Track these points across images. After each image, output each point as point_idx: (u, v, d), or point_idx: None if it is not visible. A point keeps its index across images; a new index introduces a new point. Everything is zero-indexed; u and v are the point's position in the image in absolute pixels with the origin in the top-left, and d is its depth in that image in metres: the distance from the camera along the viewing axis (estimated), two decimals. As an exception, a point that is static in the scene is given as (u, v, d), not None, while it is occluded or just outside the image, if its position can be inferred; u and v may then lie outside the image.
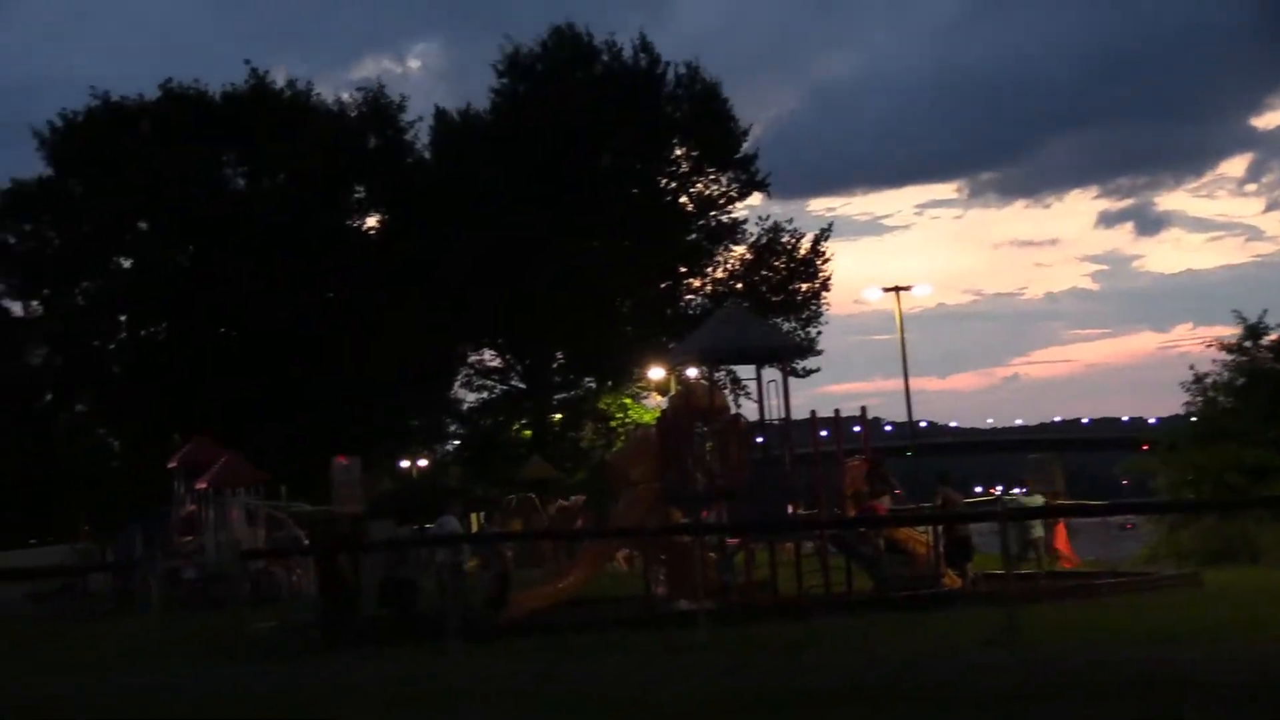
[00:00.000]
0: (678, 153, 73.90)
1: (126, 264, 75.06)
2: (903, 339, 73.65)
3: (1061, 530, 37.55)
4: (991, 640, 19.06)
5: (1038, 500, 35.27)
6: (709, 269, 75.09)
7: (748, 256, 74.83)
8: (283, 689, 18.27)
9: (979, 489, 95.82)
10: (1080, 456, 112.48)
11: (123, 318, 75.08)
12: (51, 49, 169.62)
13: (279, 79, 75.37)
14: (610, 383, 73.81)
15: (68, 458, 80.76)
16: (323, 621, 27.48)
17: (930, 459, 72.15)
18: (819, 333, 74.30)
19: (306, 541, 47.16)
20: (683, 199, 74.49)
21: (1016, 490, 39.09)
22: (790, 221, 75.49)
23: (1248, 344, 42.75)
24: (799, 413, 33.06)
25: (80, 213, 72.85)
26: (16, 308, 79.83)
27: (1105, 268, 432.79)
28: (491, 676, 18.93)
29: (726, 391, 43.93)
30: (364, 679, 19.82)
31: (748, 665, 17.80)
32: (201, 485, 51.66)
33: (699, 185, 74.53)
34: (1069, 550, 37.83)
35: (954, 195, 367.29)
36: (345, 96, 77.47)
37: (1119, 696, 13.92)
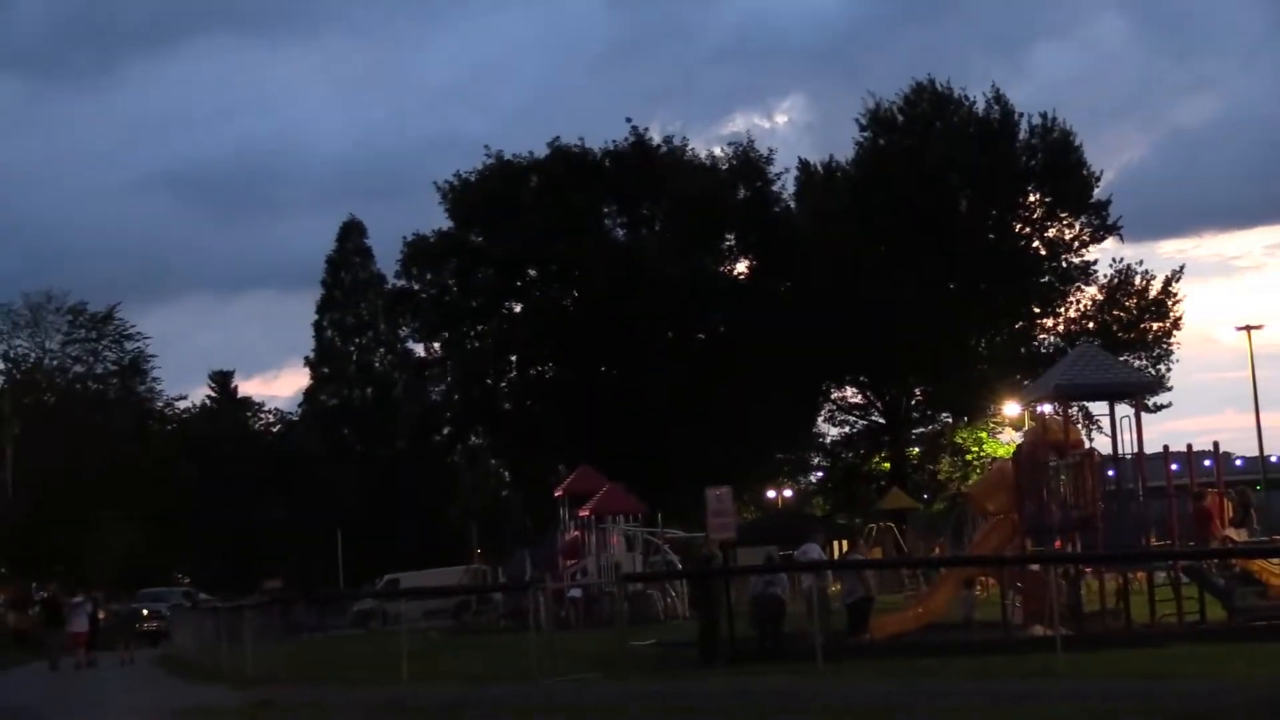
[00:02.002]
0: (1032, 199, 72.72)
1: (517, 308, 76.75)
2: (1254, 376, 71.45)
3: None
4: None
5: None
6: (1061, 309, 73.64)
7: (1099, 297, 73.26)
8: (673, 702, 18.39)
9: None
10: None
11: (513, 358, 76.75)
12: (449, 112, 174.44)
13: (656, 135, 76.03)
14: (966, 418, 73.01)
15: (463, 486, 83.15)
16: (699, 641, 27.66)
17: (1281, 492, 69.29)
18: (1170, 370, 72.43)
19: (680, 566, 47.68)
20: (1036, 243, 73.25)
21: None
22: (1141, 263, 73.81)
23: None
24: (1151, 447, 32.34)
25: (476, 262, 74.85)
26: (419, 349, 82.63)
27: None
28: (853, 694, 18.81)
29: (1080, 427, 43.08)
30: (739, 690, 19.90)
31: (1104, 691, 17.35)
32: (584, 513, 52.61)
33: (1052, 230, 73.16)
34: None
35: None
36: (717, 151, 77.94)
37: None
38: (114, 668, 40.91)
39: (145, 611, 56.74)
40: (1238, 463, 68.51)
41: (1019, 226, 73.07)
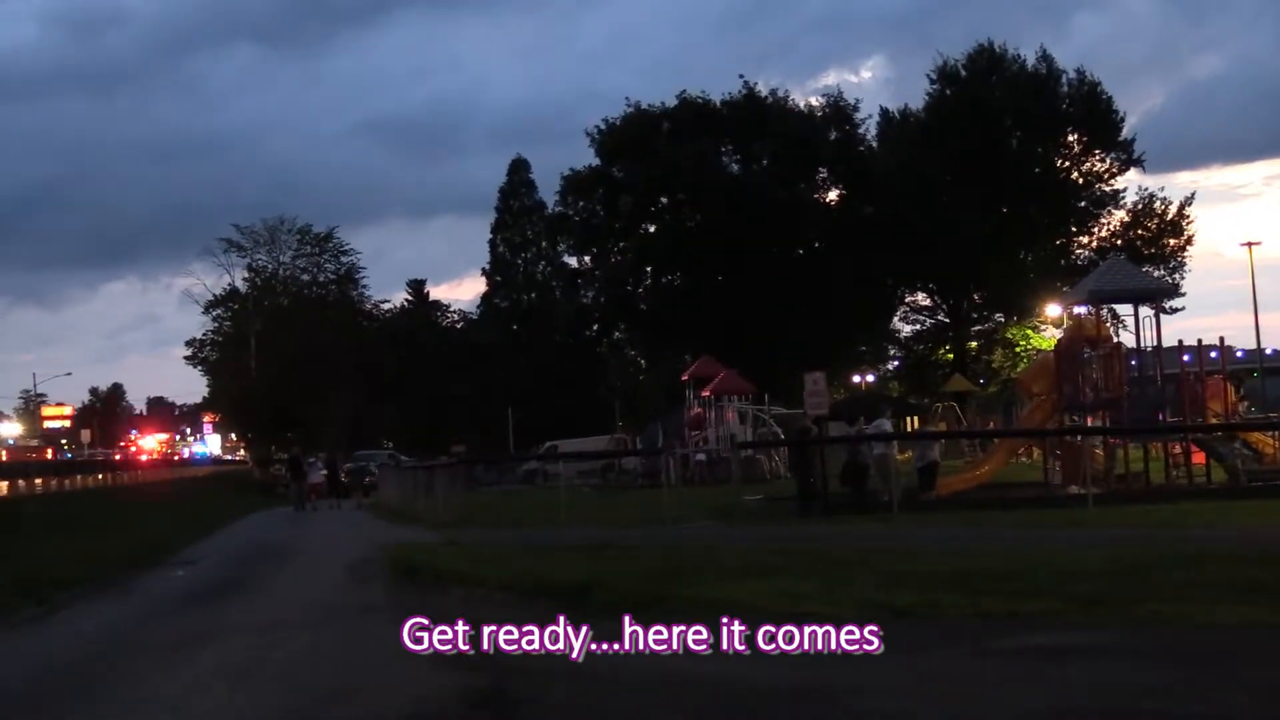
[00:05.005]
0: (1071, 138, 71.62)
1: (651, 229, 76.72)
2: (1254, 283, 70.92)
3: None
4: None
5: None
6: (1094, 228, 72.72)
7: (1125, 219, 72.29)
8: (778, 543, 18.57)
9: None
10: None
11: (648, 268, 76.82)
12: (598, 70, 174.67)
13: (763, 88, 75.45)
14: (1016, 317, 72.37)
15: (609, 371, 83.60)
16: (798, 496, 27.80)
17: (1276, 378, 68.45)
18: (1183, 278, 71.26)
19: (782, 436, 47.76)
20: (1074, 174, 72.19)
21: None
22: (1162, 189, 72.86)
23: None
24: (1167, 341, 32.08)
25: (618, 192, 74.87)
26: (573, 262, 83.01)
27: None
28: (923, 536, 18.93)
29: (1109, 325, 42.47)
30: (830, 535, 20.07)
31: (1127, 536, 17.32)
32: (706, 393, 52.81)
33: (1087, 163, 72.11)
34: None
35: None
36: (813, 100, 77.33)
37: None
38: (348, 510, 41.86)
39: (369, 467, 58.05)
40: (1239, 354, 67.47)
41: (1060, 161, 72.05)
